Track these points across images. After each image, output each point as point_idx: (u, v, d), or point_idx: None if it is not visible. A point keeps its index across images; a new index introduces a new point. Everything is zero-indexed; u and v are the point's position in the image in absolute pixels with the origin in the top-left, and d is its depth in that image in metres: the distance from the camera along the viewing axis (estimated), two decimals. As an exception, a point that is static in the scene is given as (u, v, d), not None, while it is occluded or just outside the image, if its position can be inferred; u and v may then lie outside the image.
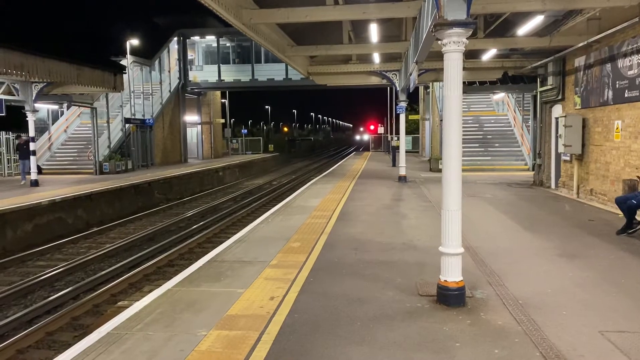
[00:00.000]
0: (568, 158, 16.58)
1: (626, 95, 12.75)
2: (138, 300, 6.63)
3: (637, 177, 10.70)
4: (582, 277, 7.42)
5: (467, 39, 5.83)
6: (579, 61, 15.81)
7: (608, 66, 13.74)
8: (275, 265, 8.10)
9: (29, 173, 22.19)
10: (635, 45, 12.29)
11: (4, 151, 28.19)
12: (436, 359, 4.63)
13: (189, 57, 42.67)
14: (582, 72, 15.63)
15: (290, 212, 13.95)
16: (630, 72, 12.53)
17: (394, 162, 32.30)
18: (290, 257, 8.63)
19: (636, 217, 9.89)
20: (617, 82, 13.19)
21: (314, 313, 5.88)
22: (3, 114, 23.70)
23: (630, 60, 12.52)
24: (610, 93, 13.60)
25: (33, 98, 22.06)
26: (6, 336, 8.03)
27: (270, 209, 15.61)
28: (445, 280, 6.07)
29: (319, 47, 20.24)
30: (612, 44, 13.44)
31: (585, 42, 14.41)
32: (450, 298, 6.04)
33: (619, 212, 10.23)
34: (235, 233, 11.66)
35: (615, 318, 5.66)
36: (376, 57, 22.49)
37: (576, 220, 12.19)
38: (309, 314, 5.83)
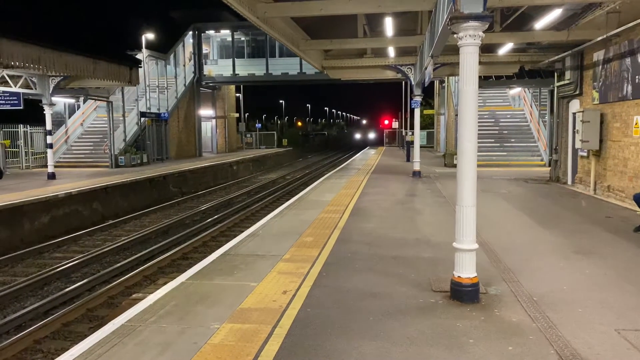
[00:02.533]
0: (585, 154, 16.38)
1: (646, 90, 12.57)
2: (152, 293, 6.68)
3: None
4: (598, 274, 7.33)
5: (483, 32, 5.76)
6: (598, 55, 15.58)
7: (628, 60, 13.52)
8: (288, 260, 8.11)
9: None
10: (655, 40, 12.10)
11: (22, 144, 28.52)
12: (450, 355, 4.61)
13: (204, 51, 42.80)
14: (600, 67, 15.41)
15: (303, 207, 13.95)
16: (650, 67, 12.34)
17: (408, 157, 32.17)
18: (303, 252, 8.64)
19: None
20: (637, 76, 12.97)
21: (327, 307, 5.88)
22: (21, 108, 24.01)
23: (650, 55, 12.33)
24: (630, 88, 13.39)
25: (50, 91, 22.28)
26: (23, 326, 8.15)
27: (283, 203, 15.63)
28: (459, 276, 6.03)
29: (334, 41, 20.13)
30: (633, 38, 13.21)
31: (605, 36, 14.19)
32: (464, 294, 6.00)
33: (637, 209, 10.09)
34: (248, 227, 11.70)
35: (632, 316, 5.58)
36: (391, 51, 22.32)
37: (593, 216, 12.04)
38: (321, 309, 5.83)
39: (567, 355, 4.53)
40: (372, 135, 78.35)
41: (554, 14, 13.43)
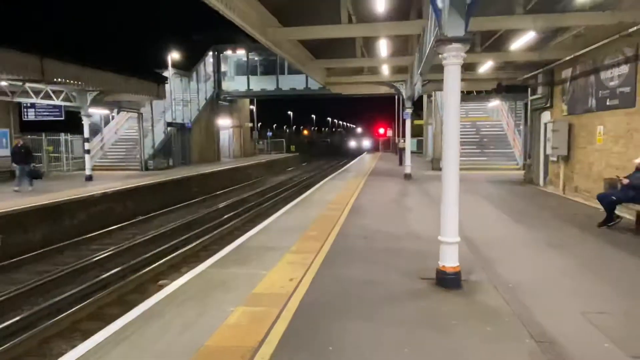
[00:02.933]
0: (555, 159, 16.32)
1: (607, 103, 12.53)
2: (176, 280, 6.69)
3: (617, 176, 10.48)
4: (566, 265, 7.31)
5: (465, 53, 5.75)
6: (566, 73, 15.54)
7: (592, 77, 13.49)
8: (295, 251, 8.11)
9: (31, 179, 18.14)
10: (615, 59, 12.06)
11: (63, 150, 28.58)
12: (436, 335, 4.61)
13: (222, 69, 43.00)
14: (568, 83, 15.37)
15: (308, 205, 13.94)
16: (611, 83, 12.30)
17: (401, 162, 32.03)
18: (308, 244, 8.63)
19: (615, 211, 9.71)
20: (600, 91, 12.95)
21: (328, 293, 5.88)
22: (62, 118, 24.08)
23: (611, 72, 12.28)
24: (594, 101, 13.36)
25: (88, 104, 22.33)
26: (62, 310, 8.16)
27: (291, 202, 15.61)
28: (444, 266, 6.03)
29: (335, 60, 20.20)
30: (596, 58, 13.18)
31: (572, 56, 14.20)
32: (448, 281, 5.99)
33: (600, 207, 10.04)
34: (260, 222, 11.70)
35: (596, 301, 5.58)
36: (385, 69, 22.34)
37: (562, 214, 12.00)
38: (323, 294, 5.83)
39: (538, 334, 4.53)
40: (368, 143, 78.06)
41: (528, 37, 13.40)
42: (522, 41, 13.98)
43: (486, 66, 19.14)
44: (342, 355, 4.19)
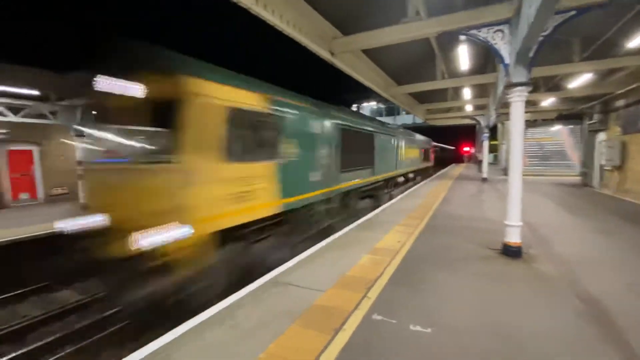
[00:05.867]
0: (609, 168, 13.17)
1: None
2: (329, 237, 7.00)
3: None
4: (613, 246, 5.94)
5: (529, 93, 5.05)
6: (619, 102, 12.43)
7: (645, 104, 10.61)
8: (402, 224, 7.91)
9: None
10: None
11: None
12: (497, 284, 4.16)
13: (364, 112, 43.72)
14: (622, 110, 12.29)
15: (413, 196, 13.39)
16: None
17: (480, 170, 28.87)
18: (411, 221, 8.34)
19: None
20: (653, 115, 10.12)
21: (422, 252, 5.67)
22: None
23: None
24: (647, 123, 10.49)
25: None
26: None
27: (399, 194, 15.11)
28: (508, 241, 5.36)
29: (433, 103, 19.08)
30: (650, 89, 10.34)
31: (625, 90, 11.33)
32: (511, 252, 5.34)
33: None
34: (381, 205, 11.55)
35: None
36: (468, 107, 20.35)
37: (612, 209, 9.66)
38: (419, 252, 5.65)
39: (584, 296, 3.81)
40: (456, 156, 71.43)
41: (585, 77, 11.07)
42: (580, 81, 11.61)
43: (549, 101, 16.26)
44: (430, 290, 4.03)
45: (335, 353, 2.95)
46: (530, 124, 21.30)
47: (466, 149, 57.95)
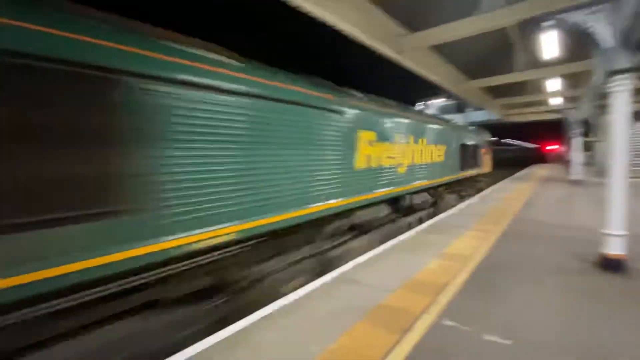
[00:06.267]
0: None
1: None
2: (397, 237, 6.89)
3: None
4: None
5: (631, 81, 4.34)
6: None
7: None
8: (474, 230, 7.39)
9: None
10: None
11: None
12: (592, 301, 3.67)
13: (432, 111, 41.94)
14: None
15: (487, 200, 12.34)
16: None
17: (569, 171, 25.30)
18: (485, 226, 7.74)
19: None
20: None
21: (500, 260, 5.26)
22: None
23: None
24: None
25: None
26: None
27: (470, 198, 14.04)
28: (608, 252, 4.67)
29: (507, 98, 17.37)
30: None
31: None
32: (611, 265, 4.65)
33: None
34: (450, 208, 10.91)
35: None
36: (553, 100, 18.00)
37: None
38: (496, 260, 5.25)
39: None
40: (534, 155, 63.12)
41: None
42: None
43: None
44: (508, 301, 3.73)
45: (405, 352, 2.94)
46: (638, 116, 18.08)
47: (551, 147, 51.29)
